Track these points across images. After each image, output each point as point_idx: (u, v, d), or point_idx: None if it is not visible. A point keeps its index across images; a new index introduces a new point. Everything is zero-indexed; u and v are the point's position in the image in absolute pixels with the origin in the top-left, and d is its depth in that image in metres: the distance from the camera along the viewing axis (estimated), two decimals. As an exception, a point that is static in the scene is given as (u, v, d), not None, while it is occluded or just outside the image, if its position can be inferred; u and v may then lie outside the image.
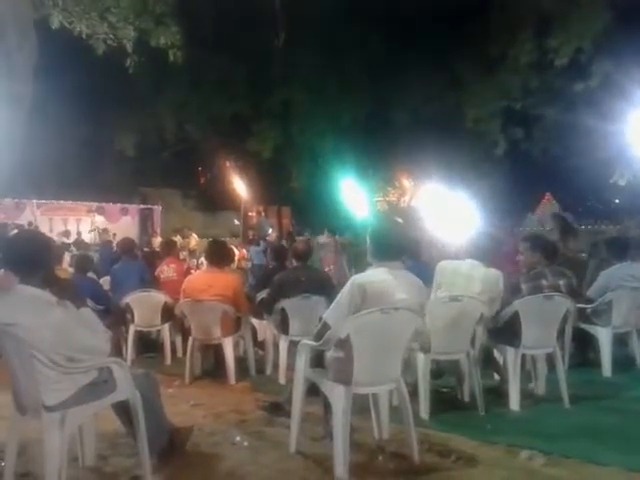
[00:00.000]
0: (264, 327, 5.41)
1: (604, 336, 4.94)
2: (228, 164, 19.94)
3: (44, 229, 14.10)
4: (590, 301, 5.10)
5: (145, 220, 19.79)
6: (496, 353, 4.35)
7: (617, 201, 22.64)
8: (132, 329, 5.77)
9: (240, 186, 18.84)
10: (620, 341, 5.16)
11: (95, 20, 8.62)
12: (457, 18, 13.51)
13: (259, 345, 5.51)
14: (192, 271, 7.02)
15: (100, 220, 17.68)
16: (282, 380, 4.73)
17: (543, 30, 11.91)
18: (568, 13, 11.40)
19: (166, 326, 5.78)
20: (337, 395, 3.03)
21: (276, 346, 5.05)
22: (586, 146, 12.32)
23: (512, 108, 13.55)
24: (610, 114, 10.61)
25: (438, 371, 4.33)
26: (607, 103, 10.80)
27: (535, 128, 14.05)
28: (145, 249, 10.54)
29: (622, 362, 5.04)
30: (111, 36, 8.85)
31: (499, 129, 14.18)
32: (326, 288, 4.87)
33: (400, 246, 3.34)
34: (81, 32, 8.60)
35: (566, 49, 11.43)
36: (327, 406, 3.23)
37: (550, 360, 4.26)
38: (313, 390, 3.31)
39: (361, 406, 3.37)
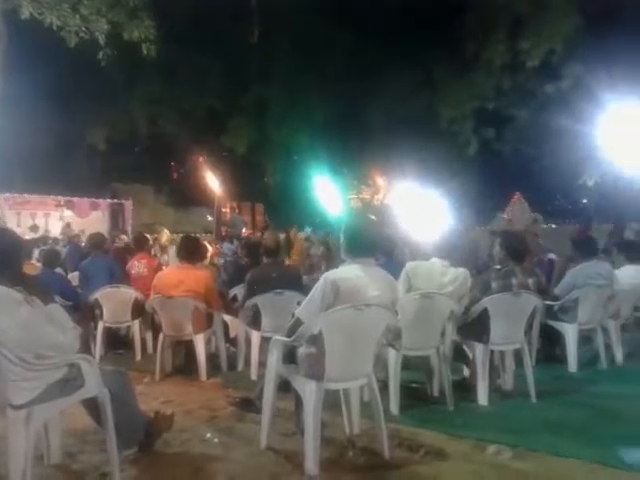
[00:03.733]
0: (236, 323, 5.39)
1: (570, 333, 5.04)
2: (202, 159, 19.78)
3: (11, 224, 13.82)
4: (557, 298, 5.21)
5: (116, 215, 19.48)
6: (465, 349, 4.42)
7: (585, 201, 23.15)
8: (101, 325, 5.70)
9: (213, 182, 18.67)
10: (586, 338, 5.28)
11: (66, 12, 8.47)
12: (432, 18, 13.61)
13: (231, 341, 5.49)
14: (163, 267, 6.95)
15: (69, 215, 17.35)
16: (254, 376, 4.73)
17: (516, 32, 12.08)
18: (540, 16, 11.58)
19: (136, 322, 5.72)
20: (309, 391, 3.04)
21: (248, 342, 5.05)
22: (556, 147, 12.55)
23: (485, 108, 13.72)
24: (580, 116, 10.82)
25: (404, 363, 4.37)
26: (577, 105, 11.01)
27: (506, 128, 14.25)
28: (116, 244, 10.39)
29: (587, 358, 5.17)
30: (83, 29, 8.70)
31: (471, 129, 14.35)
32: (296, 284, 4.91)
33: (373, 243, 3.36)
34: (52, 24, 8.44)
35: (538, 51, 11.61)
36: (298, 402, 3.23)
37: (518, 356, 4.34)
38: (284, 386, 3.32)
39: (332, 401, 3.39)
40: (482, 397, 4.08)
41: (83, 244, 10.08)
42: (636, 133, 10.05)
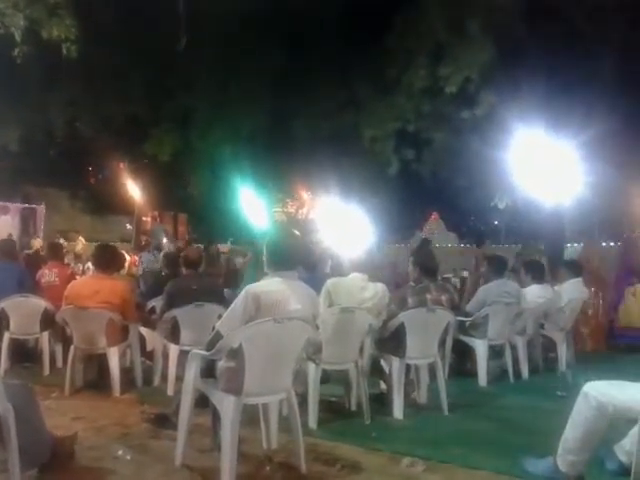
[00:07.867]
0: (153, 336, 5.24)
1: (480, 348, 5.29)
2: (122, 166, 19.15)
3: None
4: (469, 315, 5.45)
5: (27, 220, 18.48)
6: (383, 363, 4.52)
7: (496, 222, 24.41)
8: (7, 336, 5.38)
9: (134, 189, 18.14)
10: (495, 353, 5.55)
11: (-22, 3, 8.02)
12: (360, 36, 13.91)
13: (147, 355, 5.32)
14: (77, 277, 6.66)
15: (-26, 218, 16.30)
16: (170, 392, 4.61)
17: (436, 58, 12.57)
18: (459, 44, 12.12)
19: (45, 334, 5.44)
20: (227, 406, 3.00)
21: (165, 356, 4.92)
22: (471, 170, 13.14)
23: (405, 130, 14.14)
24: (493, 142, 11.38)
25: (325, 377, 4.42)
26: (491, 132, 11.59)
27: (425, 150, 14.72)
28: (26, 251, 9.85)
29: (496, 372, 5.44)
30: (-3, 22, 8.26)
31: (392, 149, 14.73)
32: (217, 296, 4.86)
33: (296, 257, 3.40)
34: (-38, 15, 7.96)
35: (456, 78, 12.11)
36: (216, 417, 3.19)
37: (431, 370, 4.49)
38: (202, 401, 3.26)
39: (251, 416, 3.37)
40: (397, 411, 4.19)
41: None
42: (541, 161, 10.74)
